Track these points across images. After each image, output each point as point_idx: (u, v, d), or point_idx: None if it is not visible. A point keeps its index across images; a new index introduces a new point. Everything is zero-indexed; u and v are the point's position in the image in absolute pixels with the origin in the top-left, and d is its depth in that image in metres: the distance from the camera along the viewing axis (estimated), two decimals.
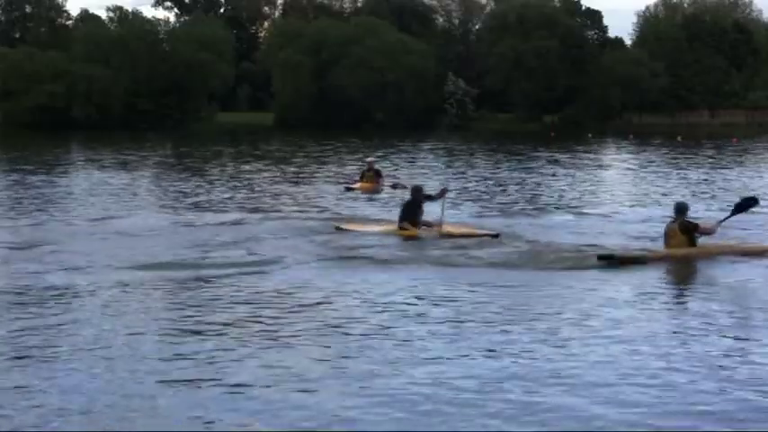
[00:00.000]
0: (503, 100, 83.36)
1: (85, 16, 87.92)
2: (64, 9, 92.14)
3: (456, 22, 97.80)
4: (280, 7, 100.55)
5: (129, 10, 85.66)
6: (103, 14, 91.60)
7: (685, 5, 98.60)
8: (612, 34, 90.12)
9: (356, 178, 25.79)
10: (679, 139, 54.66)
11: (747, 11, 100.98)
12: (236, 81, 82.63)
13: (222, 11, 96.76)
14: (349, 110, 77.87)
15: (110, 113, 72.43)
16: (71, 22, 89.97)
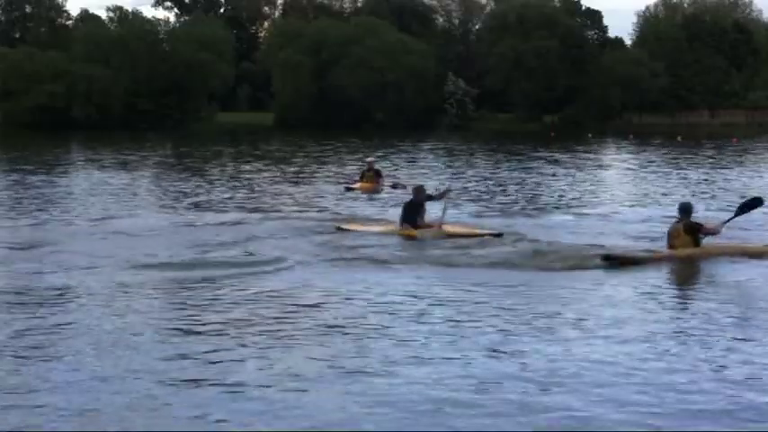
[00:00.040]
0: (503, 100, 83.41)
1: (85, 16, 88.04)
2: (64, 9, 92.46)
3: (456, 22, 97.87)
4: (280, 7, 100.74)
5: (129, 10, 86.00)
6: (103, 14, 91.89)
7: (685, 5, 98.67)
8: (612, 34, 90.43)
9: (356, 178, 25.79)
10: (679, 139, 54.67)
11: (747, 11, 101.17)
12: (236, 81, 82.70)
13: (222, 11, 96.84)
14: (349, 110, 77.90)
15: (110, 113, 72.48)
16: (71, 22, 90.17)
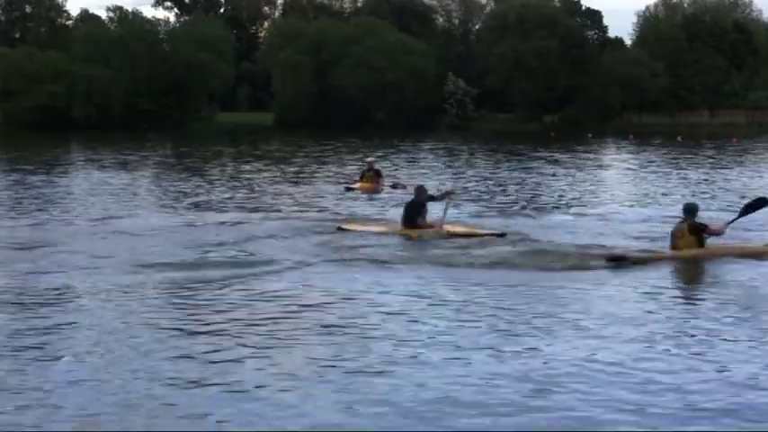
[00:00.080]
0: (503, 100, 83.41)
1: (85, 16, 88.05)
2: (64, 9, 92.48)
3: (456, 22, 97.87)
4: (280, 7, 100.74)
5: (129, 10, 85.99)
6: (103, 14, 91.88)
7: (685, 5, 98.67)
8: (612, 34, 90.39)
9: (356, 178, 25.79)
10: (679, 139, 54.66)
11: (747, 11, 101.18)
12: (236, 81, 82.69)
13: (222, 11, 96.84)
14: (349, 110, 77.90)
15: (110, 113, 72.48)
16: (71, 22, 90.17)
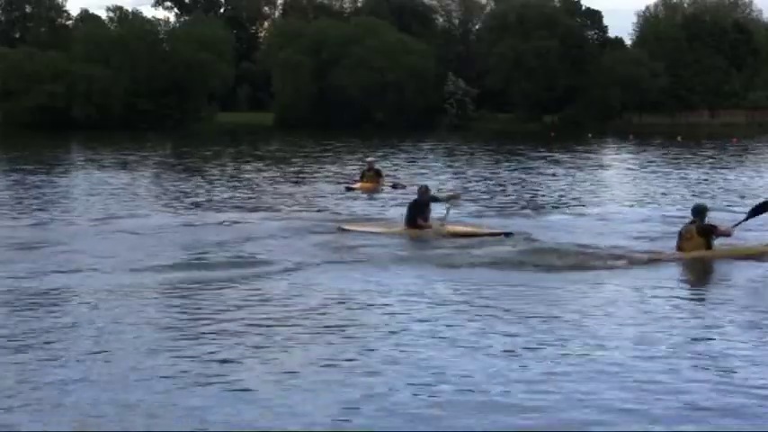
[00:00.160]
0: (503, 100, 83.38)
1: (85, 16, 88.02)
2: (64, 9, 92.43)
3: (456, 22, 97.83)
4: (280, 7, 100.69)
5: (129, 10, 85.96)
6: (103, 14, 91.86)
7: (685, 5, 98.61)
8: (612, 34, 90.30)
9: (356, 178, 25.80)
10: (679, 139, 54.65)
11: (747, 11, 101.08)
12: (236, 81, 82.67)
13: (222, 11, 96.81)
14: (349, 110, 77.89)
15: (110, 113, 72.46)
16: (71, 22, 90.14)
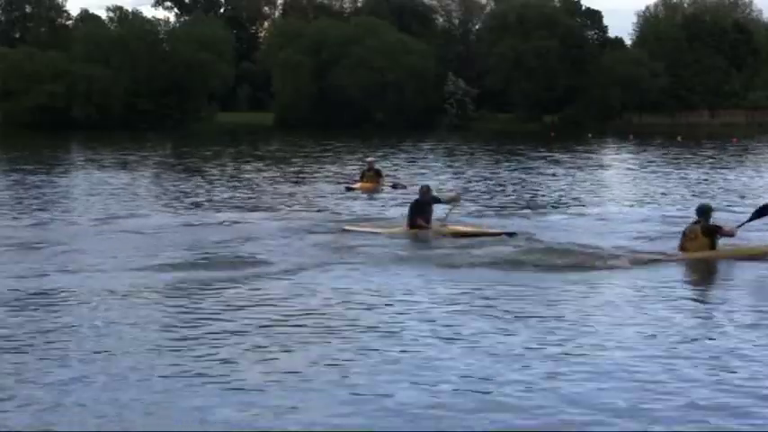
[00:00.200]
0: (503, 100, 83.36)
1: (85, 16, 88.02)
2: (64, 9, 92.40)
3: (456, 22, 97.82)
4: (280, 7, 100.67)
5: (129, 10, 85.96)
6: (103, 14, 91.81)
7: (685, 5, 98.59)
8: (612, 34, 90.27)
9: (356, 178, 25.80)
10: (679, 139, 54.64)
11: (747, 11, 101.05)
12: (236, 81, 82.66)
13: (222, 11, 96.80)
14: (349, 110, 77.89)
15: (110, 113, 72.47)
16: (71, 22, 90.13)
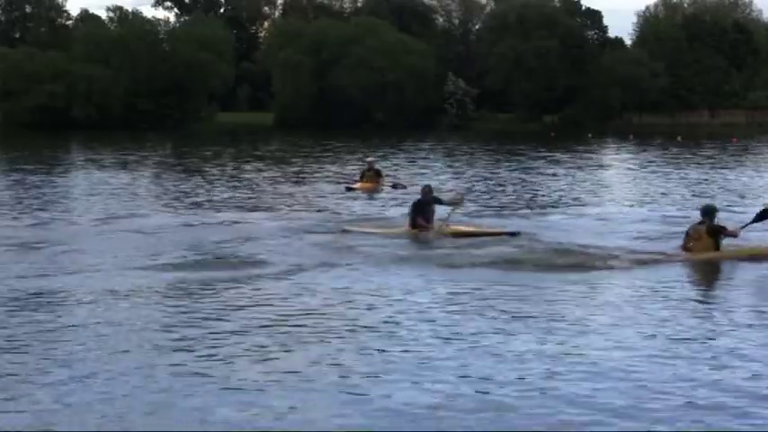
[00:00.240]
0: (503, 100, 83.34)
1: (85, 16, 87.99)
2: (64, 9, 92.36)
3: (456, 22, 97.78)
4: (280, 7, 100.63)
5: (129, 10, 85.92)
6: (103, 14, 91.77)
7: (685, 5, 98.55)
8: (612, 34, 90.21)
9: (356, 178, 25.79)
10: (679, 139, 54.62)
11: (747, 11, 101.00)
12: (236, 81, 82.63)
13: (222, 11, 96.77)
14: (349, 110, 77.87)
15: (110, 113, 72.46)
16: (71, 22, 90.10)
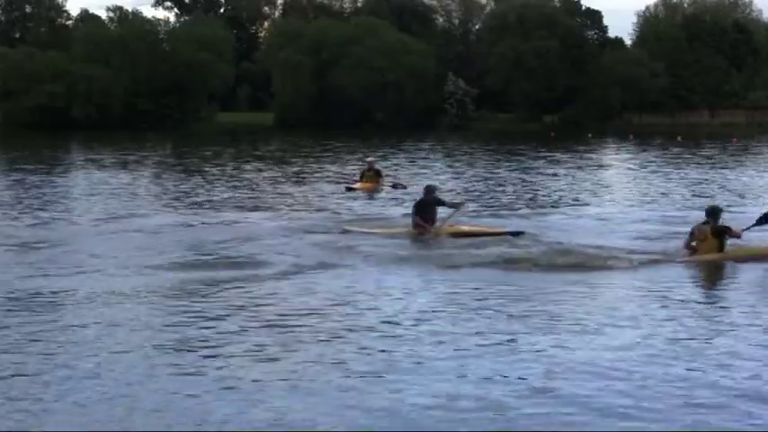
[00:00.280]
0: (503, 100, 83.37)
1: (85, 16, 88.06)
2: (64, 9, 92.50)
3: (456, 22, 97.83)
4: (280, 7, 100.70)
5: (129, 10, 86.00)
6: (103, 14, 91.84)
7: (685, 5, 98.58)
8: (612, 34, 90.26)
9: (356, 178, 25.80)
10: (679, 139, 54.63)
11: (747, 11, 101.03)
12: (236, 81, 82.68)
13: (222, 11, 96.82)
14: (349, 110, 77.90)
15: (110, 113, 72.50)
16: (71, 22, 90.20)
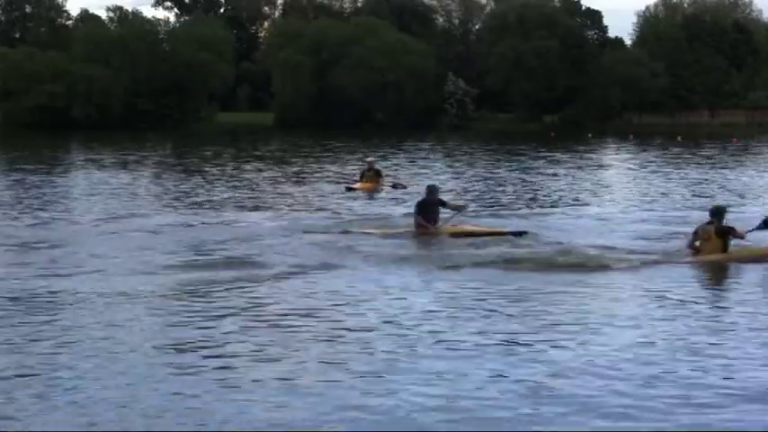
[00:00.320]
0: (503, 100, 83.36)
1: (85, 16, 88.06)
2: (64, 9, 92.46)
3: (456, 22, 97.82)
4: (280, 7, 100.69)
5: (129, 10, 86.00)
6: (103, 14, 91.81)
7: (685, 5, 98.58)
8: (612, 34, 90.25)
9: (356, 178, 25.80)
10: (679, 139, 54.63)
11: (747, 11, 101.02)
12: (236, 81, 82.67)
13: (222, 11, 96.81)
14: (349, 110, 77.89)
15: (110, 113, 72.50)
16: (71, 22, 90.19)
